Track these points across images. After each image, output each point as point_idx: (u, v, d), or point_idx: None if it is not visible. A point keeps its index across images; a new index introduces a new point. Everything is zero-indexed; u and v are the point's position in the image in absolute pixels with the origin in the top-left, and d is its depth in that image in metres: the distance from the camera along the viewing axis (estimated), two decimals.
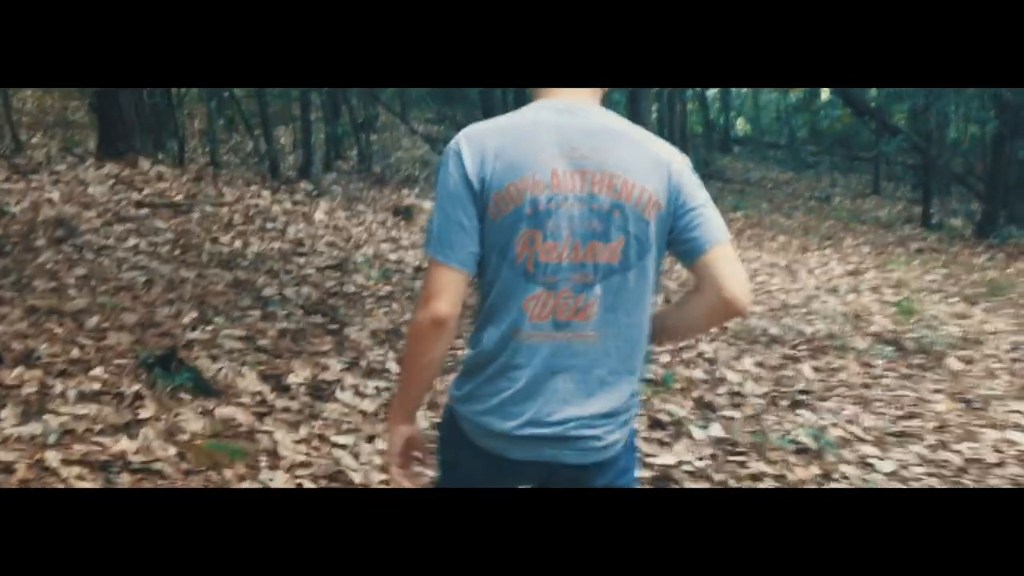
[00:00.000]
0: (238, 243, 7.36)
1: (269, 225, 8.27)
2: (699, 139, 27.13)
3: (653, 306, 1.71)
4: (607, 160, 1.60)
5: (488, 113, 21.03)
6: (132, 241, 6.80)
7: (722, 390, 4.90)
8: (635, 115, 8.39)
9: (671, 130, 20.11)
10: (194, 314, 4.77)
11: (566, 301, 1.61)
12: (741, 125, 33.59)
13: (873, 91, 20.99)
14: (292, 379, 3.96)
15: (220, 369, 3.85)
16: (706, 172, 21.96)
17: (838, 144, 24.65)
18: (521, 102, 1.93)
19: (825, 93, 24.72)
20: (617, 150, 1.62)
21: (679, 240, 1.67)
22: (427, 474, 2.04)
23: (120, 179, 9.19)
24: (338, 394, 3.94)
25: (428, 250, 1.62)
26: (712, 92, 30.77)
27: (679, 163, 1.69)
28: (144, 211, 7.92)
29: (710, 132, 28.21)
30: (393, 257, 7.78)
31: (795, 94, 27.98)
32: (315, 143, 14.74)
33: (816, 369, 5.71)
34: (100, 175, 9.28)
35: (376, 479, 3.17)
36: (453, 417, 1.72)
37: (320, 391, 3.97)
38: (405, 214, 9.78)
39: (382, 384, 4.15)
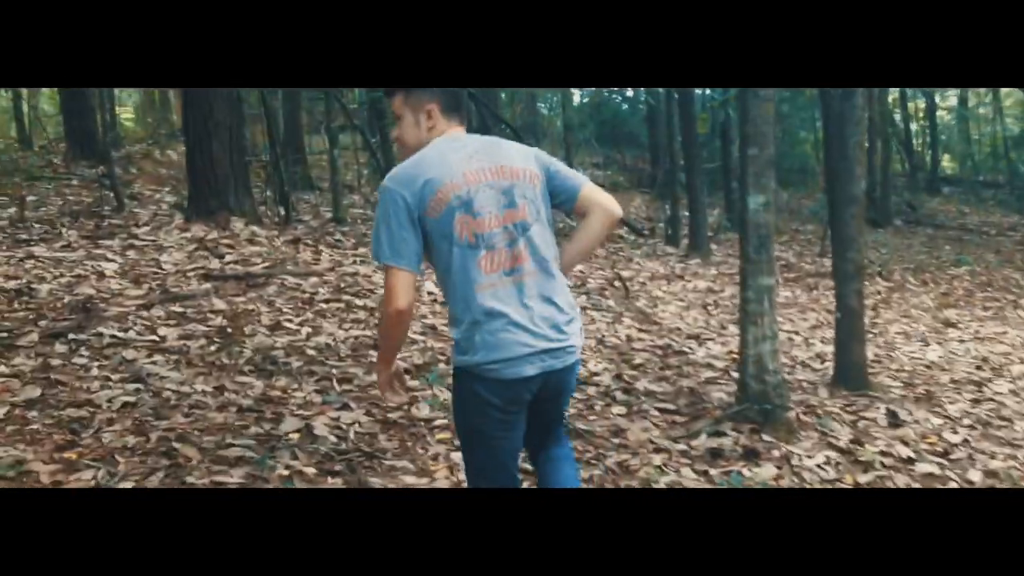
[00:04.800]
0: (305, 330, 5.65)
1: (359, 302, 6.55)
2: (900, 179, 23.94)
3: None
4: (495, 157, 2.33)
5: (655, 156, 19.03)
6: (162, 331, 5.22)
7: None
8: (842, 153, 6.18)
9: (870, 170, 17.31)
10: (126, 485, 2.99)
11: (506, 254, 2.26)
12: (948, 162, 29.85)
13: None
14: None
15: None
16: (912, 217, 18.98)
17: None
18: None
19: None
20: (499, 150, 2.37)
21: (558, 193, 2.40)
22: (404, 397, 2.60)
23: (204, 243, 7.79)
24: None
25: (382, 259, 2.24)
26: (915, 127, 27.45)
27: (539, 152, 2.45)
28: (206, 286, 6.38)
29: (914, 171, 24.90)
30: None
31: (1016, 125, 24.35)
32: None
33: None
34: (181, 239, 7.92)
35: None
36: (468, 378, 2.29)
37: None
38: None
39: None
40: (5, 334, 4.77)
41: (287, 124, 13.90)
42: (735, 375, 5.76)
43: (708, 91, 16.32)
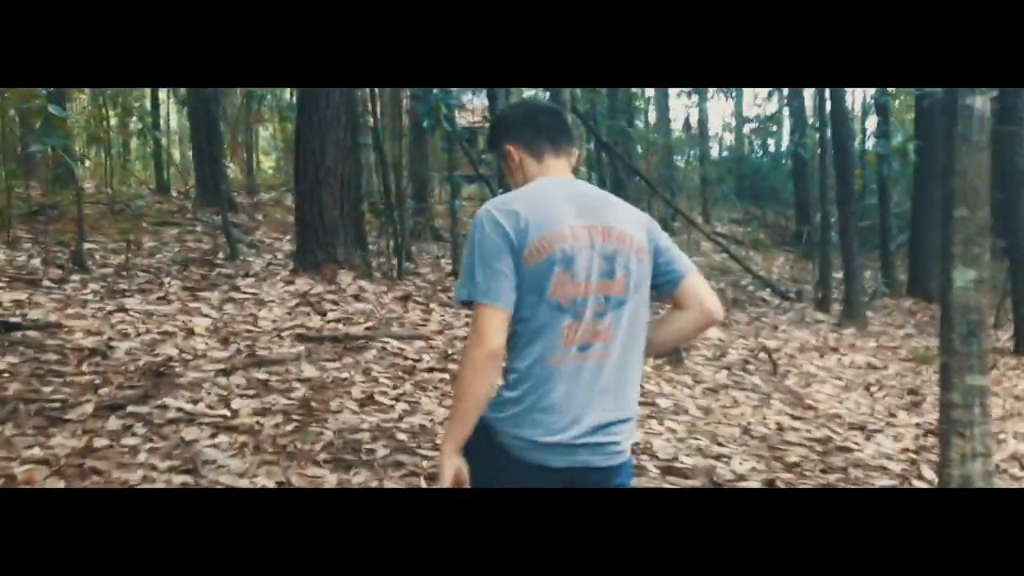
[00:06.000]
0: (400, 407, 4.89)
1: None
2: None
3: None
4: (603, 216, 2.06)
5: (802, 212, 17.80)
6: (236, 404, 4.56)
7: None
8: None
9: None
10: None
11: (588, 327, 1.98)
12: None
13: None
14: None
15: None
16: None
17: None
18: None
19: None
20: (609, 209, 2.09)
21: (661, 273, 2.12)
22: None
23: (307, 298, 7.20)
24: None
25: (475, 298, 1.94)
26: None
27: (650, 220, 2.18)
28: (298, 348, 5.73)
29: None
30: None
31: None
32: None
33: None
34: (284, 293, 7.36)
35: None
36: (489, 433, 1.98)
37: None
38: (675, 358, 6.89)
39: None
40: (58, 404, 4.19)
41: (413, 172, 13.44)
42: (918, 484, 4.68)
43: (866, 144, 15.11)
